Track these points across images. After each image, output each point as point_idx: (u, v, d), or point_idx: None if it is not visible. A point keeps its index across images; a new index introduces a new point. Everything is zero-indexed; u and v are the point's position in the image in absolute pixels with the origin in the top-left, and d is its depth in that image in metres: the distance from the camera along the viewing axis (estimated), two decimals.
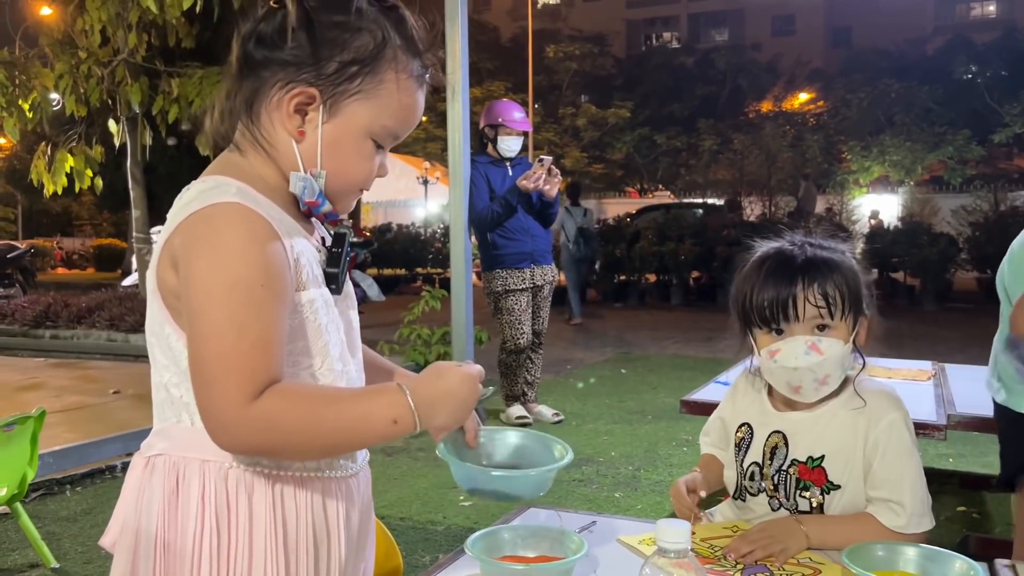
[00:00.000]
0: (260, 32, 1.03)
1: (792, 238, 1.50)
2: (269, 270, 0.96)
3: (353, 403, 1.00)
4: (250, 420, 0.94)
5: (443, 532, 3.41)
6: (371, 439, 1.02)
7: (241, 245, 0.95)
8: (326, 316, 1.05)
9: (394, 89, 1.04)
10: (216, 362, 0.94)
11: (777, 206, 17.66)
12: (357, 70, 1.02)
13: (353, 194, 1.10)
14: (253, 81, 1.04)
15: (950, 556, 1.20)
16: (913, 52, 26.91)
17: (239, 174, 1.03)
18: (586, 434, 5.00)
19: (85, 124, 9.29)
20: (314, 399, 0.99)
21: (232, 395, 0.93)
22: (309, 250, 1.06)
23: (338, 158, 1.05)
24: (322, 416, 0.97)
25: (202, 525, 1.01)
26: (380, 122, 1.05)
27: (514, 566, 1.22)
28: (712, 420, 1.68)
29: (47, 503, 3.83)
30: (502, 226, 5.01)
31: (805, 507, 1.45)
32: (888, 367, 3.17)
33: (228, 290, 0.94)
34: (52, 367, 7.32)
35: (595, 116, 27.50)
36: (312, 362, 1.04)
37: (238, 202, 0.97)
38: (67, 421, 4.99)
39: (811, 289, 1.41)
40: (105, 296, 9.67)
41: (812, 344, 1.41)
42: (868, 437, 1.44)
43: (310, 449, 1.01)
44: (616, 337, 9.38)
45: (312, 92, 1.02)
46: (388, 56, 1.03)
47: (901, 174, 21.78)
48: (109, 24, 8.39)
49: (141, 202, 9.55)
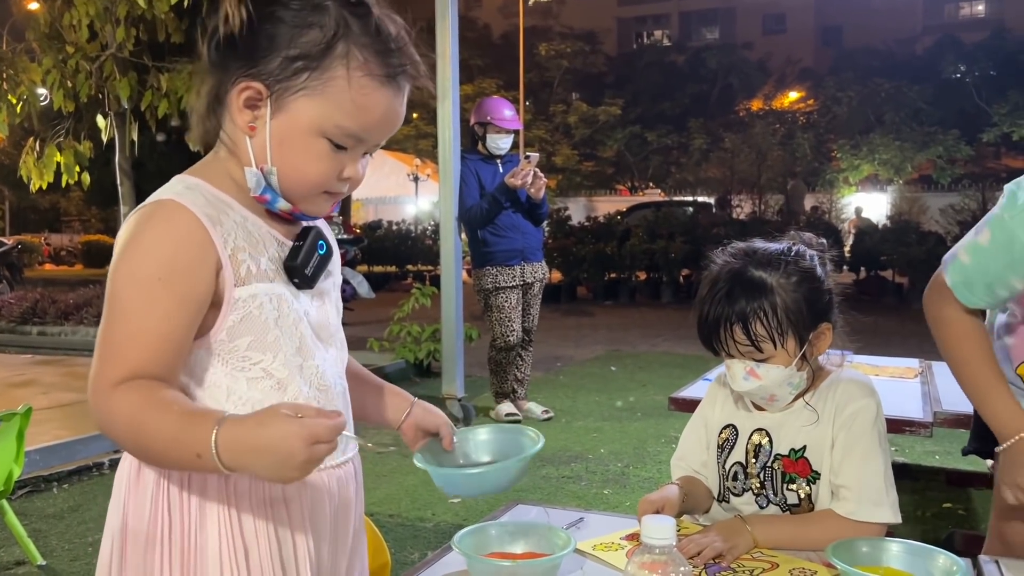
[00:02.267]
0: (215, 30, 1.03)
1: (735, 252, 1.47)
2: (174, 266, 0.98)
3: (172, 423, 0.94)
4: (103, 405, 0.97)
5: (432, 529, 3.42)
6: (183, 464, 0.97)
7: (151, 240, 0.98)
8: (276, 311, 1.04)
9: (344, 86, 1.00)
10: (99, 345, 0.99)
11: (767, 204, 17.73)
12: (302, 66, 0.99)
13: (317, 196, 1.06)
14: (217, 80, 1.04)
15: (934, 552, 1.21)
16: (903, 51, 27.05)
17: (204, 172, 1.06)
18: (575, 431, 5.00)
19: (73, 119, 9.24)
20: (146, 406, 0.95)
21: (98, 379, 0.98)
22: (263, 243, 1.05)
23: (287, 155, 1.02)
24: (144, 424, 0.95)
25: (156, 506, 1.03)
26: (332, 121, 1.01)
27: (500, 562, 1.22)
28: (686, 442, 1.60)
29: (33, 500, 3.81)
30: (492, 223, 5.00)
31: (793, 500, 1.45)
32: (875, 365, 3.19)
33: (125, 280, 0.99)
34: (39, 364, 7.28)
35: (586, 114, 27.53)
36: (263, 358, 1.04)
37: (170, 199, 1.00)
38: (54, 418, 4.96)
39: (735, 332, 1.40)
40: (93, 292, 9.61)
41: (750, 370, 1.42)
42: (835, 424, 1.44)
43: (137, 452, 1.01)
44: (606, 335, 9.40)
45: (258, 87, 1.01)
46: (339, 52, 1.00)
47: (890, 173, 21.89)
48: (97, 18, 8.34)
49: (130, 198, 9.49)
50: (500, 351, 5.16)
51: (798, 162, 21.14)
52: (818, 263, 1.46)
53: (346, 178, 1.05)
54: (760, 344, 1.39)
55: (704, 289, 1.45)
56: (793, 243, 1.48)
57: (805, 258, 1.45)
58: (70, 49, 8.56)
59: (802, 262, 1.44)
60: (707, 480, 1.55)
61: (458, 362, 5.30)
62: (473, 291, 5.25)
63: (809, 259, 1.45)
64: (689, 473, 1.56)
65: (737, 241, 1.50)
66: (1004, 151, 25.33)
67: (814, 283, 1.43)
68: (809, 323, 1.42)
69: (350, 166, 1.05)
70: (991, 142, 23.59)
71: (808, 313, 1.41)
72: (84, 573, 3.06)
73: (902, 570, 1.21)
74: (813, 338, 1.43)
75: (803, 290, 1.41)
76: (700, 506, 1.51)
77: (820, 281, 1.45)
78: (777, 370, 1.41)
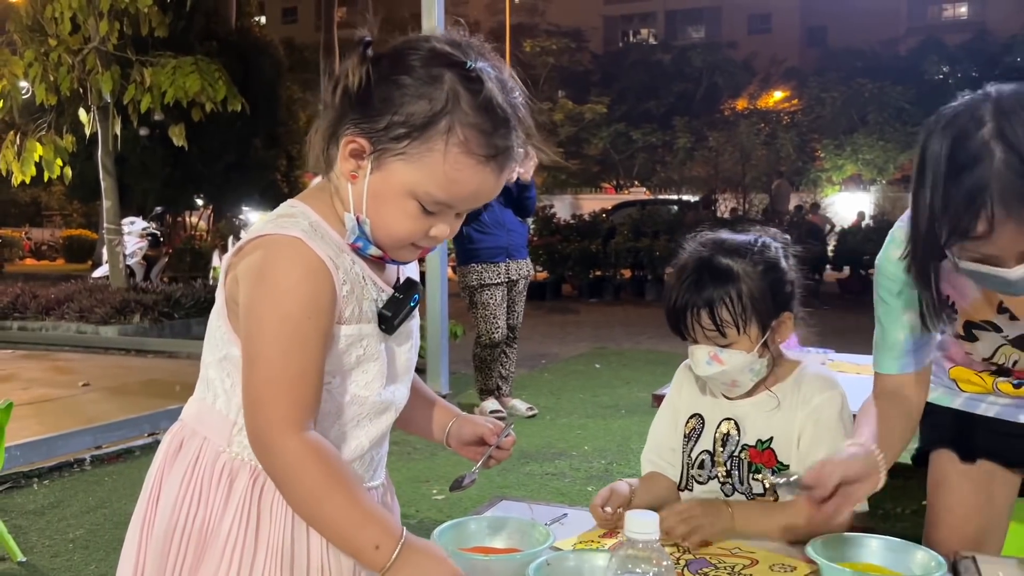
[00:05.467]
0: (337, 78, 1.07)
1: (703, 241, 1.52)
2: (316, 306, 1.04)
3: (360, 510, 1.04)
4: (283, 446, 1.03)
5: (416, 526, 3.42)
6: (347, 547, 1.05)
7: (294, 280, 1.03)
8: (360, 349, 1.11)
9: (440, 160, 1.03)
10: (264, 387, 1.03)
11: (751, 203, 17.80)
12: (405, 132, 1.03)
13: (406, 248, 1.11)
14: (334, 121, 1.08)
15: (913, 548, 1.22)
16: (886, 52, 27.21)
17: (319, 206, 1.11)
18: (560, 428, 5.02)
19: (55, 113, 9.16)
20: (336, 482, 1.03)
21: (275, 420, 1.03)
22: (365, 287, 1.11)
23: (380, 210, 1.07)
24: (331, 499, 1.03)
25: (185, 491, 1.11)
26: (424, 188, 1.05)
27: (475, 556, 1.22)
28: (656, 432, 1.65)
29: (14, 496, 3.78)
30: (477, 220, 5.00)
31: (759, 490, 1.49)
32: (857, 363, 3.21)
33: (279, 322, 1.03)
34: (21, 359, 7.22)
35: (572, 111, 27.53)
36: (332, 381, 1.10)
37: (300, 238, 1.04)
38: (35, 413, 4.93)
39: (701, 317, 1.45)
40: (75, 287, 9.53)
41: (713, 355, 1.47)
42: (801, 416, 1.48)
43: (300, 510, 1.06)
44: (591, 332, 9.41)
45: (363, 143, 1.05)
46: (442, 127, 1.02)
47: (874, 173, 22.03)
48: (80, 12, 8.27)
49: (112, 193, 9.42)
50: (485, 348, 5.16)
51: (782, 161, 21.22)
52: (782, 255, 1.52)
53: (433, 236, 1.10)
54: (724, 329, 1.44)
55: (674, 276, 1.51)
56: (759, 235, 1.54)
57: (770, 249, 1.51)
58: (52, 42, 8.48)
59: (767, 252, 1.50)
60: (672, 468, 1.59)
61: (443, 359, 5.30)
62: (458, 288, 5.25)
63: (774, 250, 1.51)
64: (659, 466, 1.61)
65: (707, 232, 1.55)
66: None
67: (778, 273, 1.49)
68: (772, 311, 1.47)
69: (438, 227, 1.09)
70: None
71: (771, 301, 1.47)
72: (65, 569, 3.04)
73: (882, 566, 1.22)
74: (775, 325, 1.49)
75: (768, 279, 1.47)
76: (661, 501, 1.52)
77: (784, 272, 1.51)
78: (739, 355, 1.46)
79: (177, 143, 8.97)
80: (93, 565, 3.06)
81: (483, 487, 3.87)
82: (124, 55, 8.75)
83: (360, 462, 1.16)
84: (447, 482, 3.92)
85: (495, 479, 3.97)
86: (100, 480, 4.03)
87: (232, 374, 1.11)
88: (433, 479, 3.97)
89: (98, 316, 8.46)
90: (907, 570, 1.20)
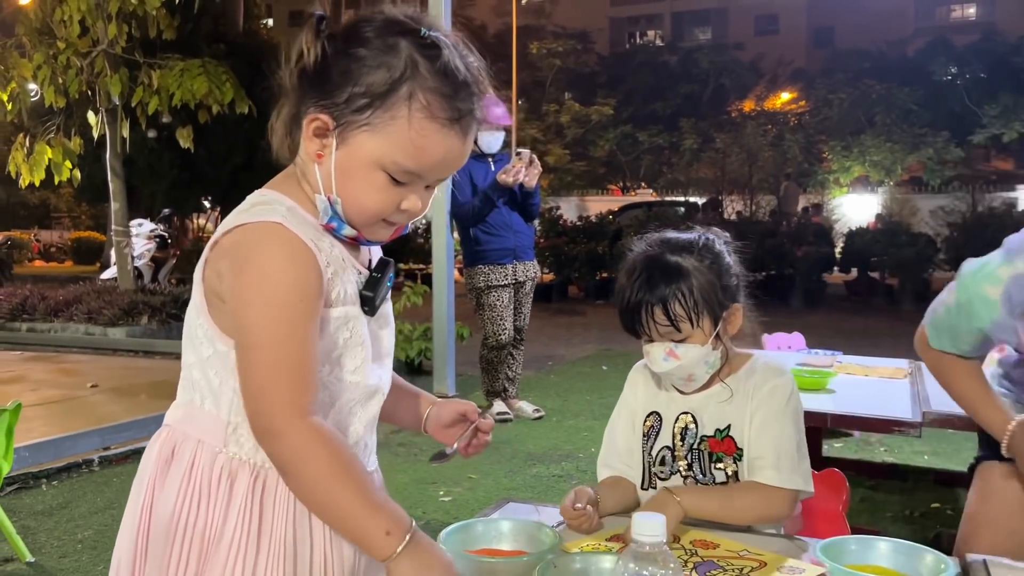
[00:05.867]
0: (292, 55, 1.07)
1: (650, 241, 1.57)
2: (304, 290, 1.03)
3: (370, 496, 1.04)
4: (290, 437, 1.02)
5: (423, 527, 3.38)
6: (355, 533, 1.05)
7: (279, 266, 1.03)
8: (348, 332, 1.10)
9: (405, 126, 1.03)
10: (265, 374, 1.02)
11: (758, 205, 17.77)
12: (367, 103, 1.03)
13: (378, 224, 1.11)
14: (294, 104, 1.08)
15: (922, 551, 1.22)
16: (894, 53, 27.12)
17: (289, 191, 1.11)
18: (566, 430, 5.01)
19: (64, 115, 9.19)
20: (344, 469, 1.03)
21: (280, 406, 1.02)
22: (346, 269, 1.10)
23: (349, 186, 1.07)
24: (339, 482, 1.02)
25: (184, 497, 1.09)
26: (391, 157, 1.04)
27: (481, 558, 1.22)
28: (612, 437, 1.67)
29: (22, 497, 3.79)
30: (484, 222, 5.00)
31: (721, 478, 1.54)
32: (865, 365, 3.21)
33: (270, 307, 1.02)
34: (29, 360, 7.25)
35: (578, 113, 27.51)
36: (322, 369, 1.09)
37: (280, 223, 1.04)
38: (43, 415, 4.95)
39: (656, 314, 1.50)
40: (83, 289, 9.56)
41: (670, 351, 1.52)
42: (753, 403, 1.54)
43: (307, 496, 1.06)
44: (598, 334, 9.40)
45: (325, 119, 1.05)
46: (403, 93, 1.03)
47: (881, 174, 21.96)
48: (88, 14, 8.30)
49: (120, 195, 9.46)
50: (492, 350, 5.16)
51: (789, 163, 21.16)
52: (726, 250, 1.58)
53: (404, 210, 1.09)
54: (679, 324, 1.49)
55: (624, 277, 1.56)
56: (703, 232, 1.60)
57: (715, 245, 1.57)
58: (61, 45, 8.51)
59: (713, 247, 1.56)
60: (632, 471, 1.61)
61: (449, 361, 5.31)
62: (465, 290, 5.25)
63: (718, 246, 1.57)
64: (618, 470, 1.63)
65: (652, 232, 1.61)
66: (994, 153, 25.45)
67: (724, 267, 1.55)
68: (722, 303, 1.53)
69: (409, 199, 1.08)
70: (981, 144, 23.69)
71: (721, 294, 1.53)
72: (73, 570, 3.05)
73: (891, 568, 1.22)
74: (726, 316, 1.54)
75: (715, 273, 1.53)
76: (623, 505, 1.56)
77: (729, 266, 1.57)
78: (695, 349, 1.51)
79: (184, 145, 9.00)
80: (101, 566, 3.07)
81: (490, 489, 3.87)
82: (132, 58, 8.79)
83: (355, 448, 1.15)
84: (454, 484, 3.93)
85: (502, 481, 3.97)
86: (108, 481, 4.04)
87: (220, 372, 1.09)
88: (440, 481, 3.97)
89: (106, 318, 8.48)
90: (916, 573, 1.19)
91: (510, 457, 4.34)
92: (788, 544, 1.40)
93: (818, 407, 2.50)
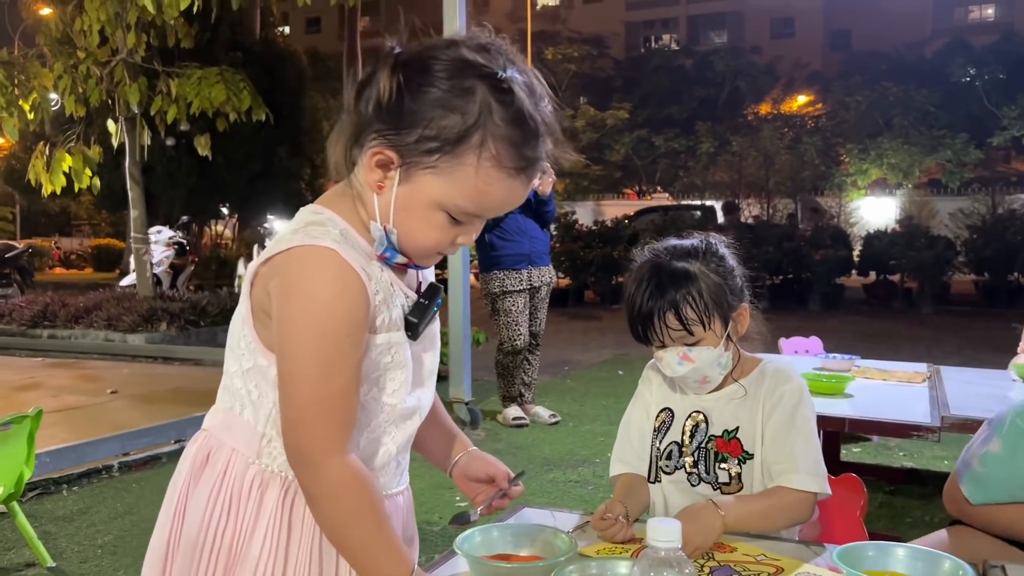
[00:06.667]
0: (363, 86, 1.06)
1: (654, 249, 1.59)
2: (353, 321, 1.03)
3: (383, 539, 1.06)
4: (325, 472, 1.03)
5: (439, 532, 3.42)
6: (363, 572, 1.07)
7: (330, 296, 1.02)
8: (388, 357, 1.10)
9: (472, 174, 1.02)
10: (307, 408, 1.03)
11: (775, 208, 17.69)
12: (437, 147, 1.01)
13: (431, 256, 1.12)
14: (358, 128, 1.06)
15: (940, 556, 1.21)
16: (912, 55, 26.96)
17: (343, 211, 1.09)
18: (583, 435, 5.00)
19: (84, 124, 9.29)
20: (369, 510, 1.05)
21: (319, 441, 1.03)
22: (394, 294, 1.10)
23: (408, 221, 1.06)
24: (359, 523, 1.05)
25: (214, 504, 1.11)
26: (453, 200, 1.04)
27: (498, 563, 1.22)
28: (626, 432, 1.67)
29: (43, 502, 3.83)
30: (499, 227, 5.01)
31: (724, 478, 1.55)
32: (884, 369, 3.19)
33: (318, 339, 1.01)
34: (50, 367, 7.32)
35: (594, 118, 27.52)
36: (360, 389, 1.09)
37: (334, 249, 1.02)
38: (64, 421, 4.99)
39: (668, 319, 1.51)
40: (103, 296, 9.66)
41: (683, 355, 1.54)
42: (765, 407, 1.56)
43: (328, 530, 1.07)
44: (614, 338, 9.38)
45: (391, 155, 1.03)
46: (474, 141, 1.01)
47: (899, 177, 21.80)
48: (108, 24, 8.39)
49: (139, 202, 9.55)
50: (507, 355, 5.17)
51: (806, 166, 21.06)
52: (728, 252, 1.61)
53: (459, 244, 1.10)
54: (691, 327, 1.51)
55: (632, 286, 1.57)
56: (704, 236, 1.62)
57: (718, 247, 1.60)
58: (81, 54, 8.61)
59: (716, 250, 1.59)
60: (643, 464, 1.63)
61: (465, 366, 5.30)
62: (480, 295, 5.26)
63: (721, 249, 1.60)
64: (632, 464, 1.64)
65: (653, 241, 1.64)
66: (1014, 155, 25.21)
67: (729, 268, 1.58)
68: (730, 303, 1.55)
69: (464, 236, 1.09)
70: (1000, 146, 23.48)
71: (728, 295, 1.55)
72: (93, 575, 3.08)
73: (908, 574, 1.21)
74: (735, 317, 1.57)
75: (721, 274, 1.56)
76: (640, 505, 1.56)
77: (733, 267, 1.60)
78: (708, 351, 1.53)
79: (202, 153, 9.08)
80: (121, 571, 3.10)
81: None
82: (151, 66, 8.87)
83: (387, 468, 1.16)
84: None
85: None
86: (128, 486, 4.07)
87: (260, 385, 1.10)
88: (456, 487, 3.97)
89: (126, 324, 8.56)
90: None
91: (526, 462, 4.34)
92: (805, 549, 1.39)
93: (836, 411, 2.49)
